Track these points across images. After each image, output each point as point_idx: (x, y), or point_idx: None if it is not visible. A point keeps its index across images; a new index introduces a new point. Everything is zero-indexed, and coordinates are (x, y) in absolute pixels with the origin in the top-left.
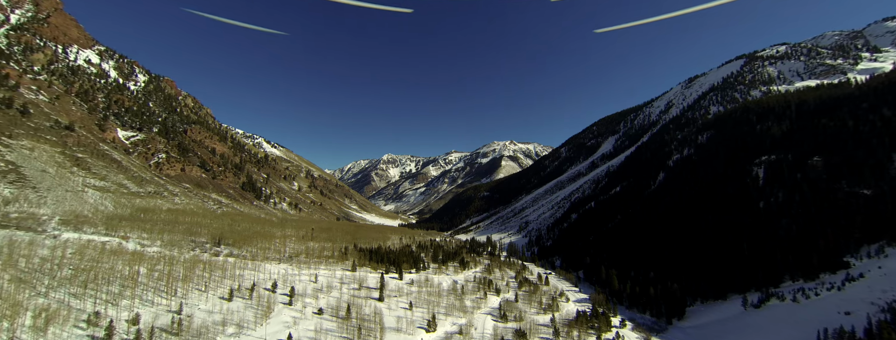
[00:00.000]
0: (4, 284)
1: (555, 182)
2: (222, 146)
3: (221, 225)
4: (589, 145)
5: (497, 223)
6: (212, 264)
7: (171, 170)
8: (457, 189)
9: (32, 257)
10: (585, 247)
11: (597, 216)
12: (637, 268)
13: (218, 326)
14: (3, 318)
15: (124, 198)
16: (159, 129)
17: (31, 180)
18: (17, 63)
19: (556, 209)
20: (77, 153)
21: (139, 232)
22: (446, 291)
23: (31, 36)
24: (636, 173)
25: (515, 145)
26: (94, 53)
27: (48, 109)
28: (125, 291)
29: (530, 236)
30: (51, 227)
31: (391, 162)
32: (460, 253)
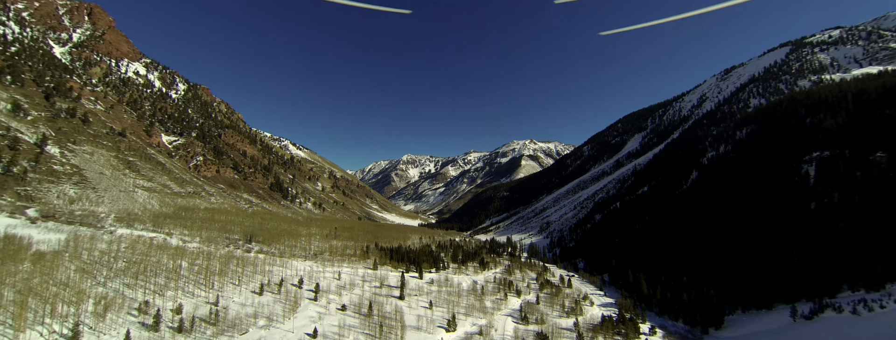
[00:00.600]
0: (71, 274)
1: (577, 182)
2: (252, 149)
3: (252, 223)
4: (613, 143)
5: (517, 224)
6: (244, 260)
7: (207, 172)
8: (476, 189)
9: (93, 250)
10: (611, 249)
11: (623, 217)
12: (668, 272)
13: (250, 318)
14: (70, 304)
15: (168, 197)
16: (197, 134)
17: (92, 182)
18: (78, 77)
19: (578, 210)
20: (128, 157)
21: (181, 229)
22: (466, 291)
23: (89, 52)
24: (666, 171)
25: (535, 144)
26: (142, 65)
27: (104, 117)
28: (170, 283)
29: (552, 237)
30: (108, 223)
31: (411, 163)
32: (480, 254)
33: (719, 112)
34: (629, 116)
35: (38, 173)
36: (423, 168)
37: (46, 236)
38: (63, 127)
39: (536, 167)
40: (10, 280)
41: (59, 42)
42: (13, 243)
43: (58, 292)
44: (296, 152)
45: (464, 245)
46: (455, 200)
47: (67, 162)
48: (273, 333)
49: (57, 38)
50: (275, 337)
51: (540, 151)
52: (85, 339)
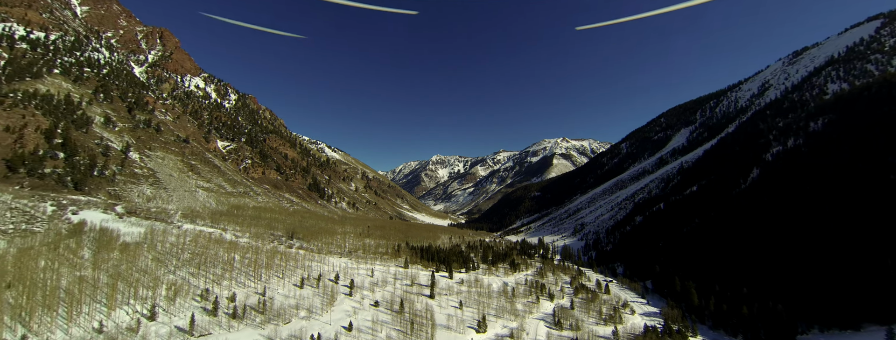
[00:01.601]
0: (148, 262)
1: (614, 181)
2: (293, 152)
3: (293, 221)
4: (655, 140)
5: (549, 225)
6: (287, 255)
7: (254, 173)
8: (506, 189)
9: (165, 242)
10: (654, 254)
11: (667, 219)
12: (723, 281)
13: (292, 309)
14: (148, 288)
15: (222, 197)
16: (246, 139)
17: (163, 183)
18: (152, 92)
19: (616, 211)
20: (191, 161)
21: (234, 225)
22: (496, 292)
23: (160, 70)
24: (719, 169)
25: (568, 143)
26: (201, 79)
27: (172, 126)
28: (225, 273)
29: (587, 239)
30: (176, 219)
31: (440, 163)
32: (510, 255)
33: (787, 101)
34: (674, 109)
35: (123, 176)
36: (453, 168)
37: (130, 229)
38: (141, 136)
39: (569, 166)
40: (104, 266)
41: (138, 63)
42: (106, 234)
43: (139, 277)
44: (331, 154)
45: (494, 246)
46: (484, 200)
47: (145, 166)
48: (313, 324)
49: (136, 60)
50: (314, 328)
51: (573, 149)
52: (160, 319)
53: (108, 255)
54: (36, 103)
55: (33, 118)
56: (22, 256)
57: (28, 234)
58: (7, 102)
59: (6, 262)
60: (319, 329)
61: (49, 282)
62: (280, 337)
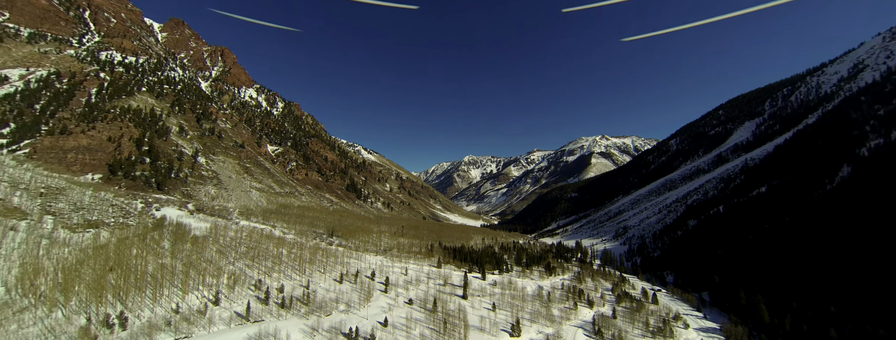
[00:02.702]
0: (213, 253)
1: (663, 181)
2: (332, 154)
3: (333, 220)
4: (712, 135)
5: (588, 227)
6: (327, 251)
7: (299, 175)
8: (540, 190)
9: (226, 236)
10: (712, 262)
11: (728, 224)
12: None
13: (333, 302)
14: (213, 276)
15: (272, 196)
16: (291, 143)
17: (224, 184)
18: (215, 103)
19: (665, 214)
20: (246, 164)
21: (281, 223)
22: (531, 296)
23: (221, 84)
24: (796, 166)
25: (608, 140)
26: (254, 90)
27: (231, 133)
28: (275, 266)
29: (630, 244)
30: (234, 216)
31: (472, 163)
32: (546, 257)
33: (889, 84)
34: (735, 100)
35: (193, 178)
36: (485, 169)
37: (199, 224)
38: (207, 142)
39: (609, 165)
40: (179, 255)
41: (204, 78)
42: (181, 228)
43: (206, 267)
44: (367, 156)
45: (528, 248)
46: (518, 201)
47: (209, 169)
48: (351, 318)
49: (203, 75)
50: (352, 322)
51: (614, 147)
52: (222, 304)
53: (182, 246)
54: (129, 117)
55: (128, 130)
56: (120, 244)
57: (124, 226)
58: (109, 116)
59: (109, 249)
60: (357, 323)
61: (139, 267)
62: (322, 329)
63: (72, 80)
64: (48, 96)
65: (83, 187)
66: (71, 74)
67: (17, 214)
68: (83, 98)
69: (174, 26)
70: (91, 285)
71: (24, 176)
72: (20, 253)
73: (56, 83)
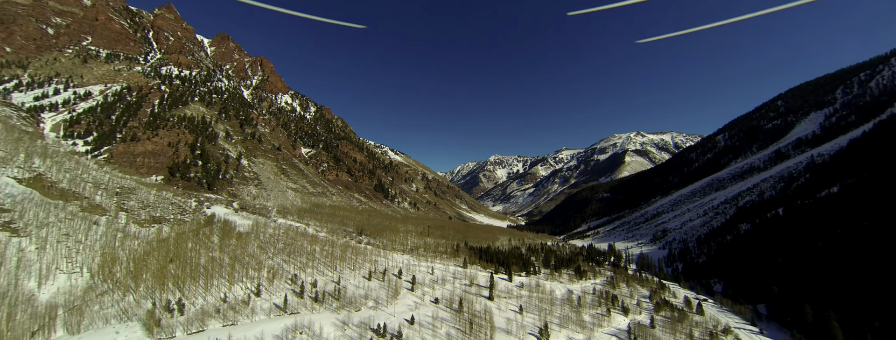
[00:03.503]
0: (254, 249)
1: (708, 180)
2: (360, 156)
3: (362, 219)
4: (769, 128)
5: (622, 230)
6: (357, 249)
7: (330, 175)
8: (570, 190)
9: (265, 233)
10: (769, 271)
11: (790, 229)
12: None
13: (362, 299)
14: (255, 269)
15: (305, 196)
16: (323, 145)
17: (264, 184)
18: (255, 110)
19: (711, 216)
20: (283, 165)
21: (314, 221)
22: (560, 300)
23: (261, 91)
24: (878, 163)
25: (643, 137)
26: (289, 96)
27: (269, 137)
28: (309, 262)
29: (671, 248)
30: (272, 215)
31: (498, 163)
32: (576, 260)
33: None
34: (798, 89)
35: (238, 178)
36: (511, 168)
37: (242, 221)
38: (249, 146)
39: (645, 164)
40: (226, 249)
41: (246, 87)
42: (227, 225)
43: (248, 261)
44: (394, 157)
45: (556, 250)
46: (546, 201)
47: (251, 170)
48: (379, 314)
49: (245, 84)
50: (380, 318)
51: (650, 144)
52: (263, 296)
53: (229, 241)
54: (184, 124)
55: (183, 136)
56: (178, 238)
57: (181, 222)
58: (168, 124)
59: (169, 242)
60: (385, 320)
61: (193, 260)
62: (352, 323)
63: (139, 93)
64: (121, 108)
65: (149, 188)
66: (138, 87)
67: (99, 210)
68: (148, 109)
69: (220, 41)
70: (155, 274)
71: (103, 178)
72: (101, 244)
73: (127, 96)
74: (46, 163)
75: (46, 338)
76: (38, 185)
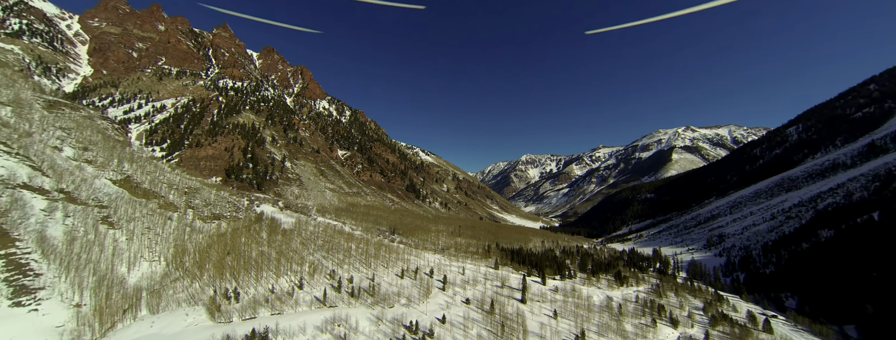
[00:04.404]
0: (297, 245)
1: (777, 179)
2: (393, 157)
3: (394, 219)
4: (857, 118)
5: (669, 234)
6: (390, 248)
7: (364, 176)
8: (608, 190)
9: (306, 230)
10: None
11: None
12: None
13: (395, 296)
14: (298, 264)
15: (342, 196)
16: (357, 147)
17: (305, 184)
18: (296, 115)
19: (782, 220)
20: (321, 167)
21: (350, 220)
22: (598, 307)
23: (301, 98)
24: None
25: (694, 132)
26: (326, 102)
27: (309, 140)
28: (345, 259)
29: (729, 255)
30: (312, 213)
31: (530, 162)
32: (616, 265)
33: None
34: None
35: (282, 179)
36: (544, 168)
37: (287, 219)
38: (291, 149)
39: (696, 161)
40: (273, 245)
41: (289, 94)
42: (274, 222)
43: (292, 255)
44: (425, 158)
45: (594, 254)
46: (582, 202)
47: (293, 172)
48: (411, 312)
49: (288, 92)
50: (413, 316)
51: (702, 139)
52: (305, 289)
53: (275, 237)
54: (238, 131)
55: (237, 141)
56: (233, 233)
57: (235, 219)
58: (224, 131)
59: (227, 237)
60: (417, 318)
61: (246, 253)
62: (385, 319)
63: (201, 104)
64: (188, 118)
65: (210, 188)
66: (201, 99)
67: (172, 208)
68: (209, 118)
69: (267, 53)
70: (216, 264)
71: (175, 179)
72: (174, 237)
73: (192, 108)
74: (133, 167)
75: (134, 316)
76: (127, 185)
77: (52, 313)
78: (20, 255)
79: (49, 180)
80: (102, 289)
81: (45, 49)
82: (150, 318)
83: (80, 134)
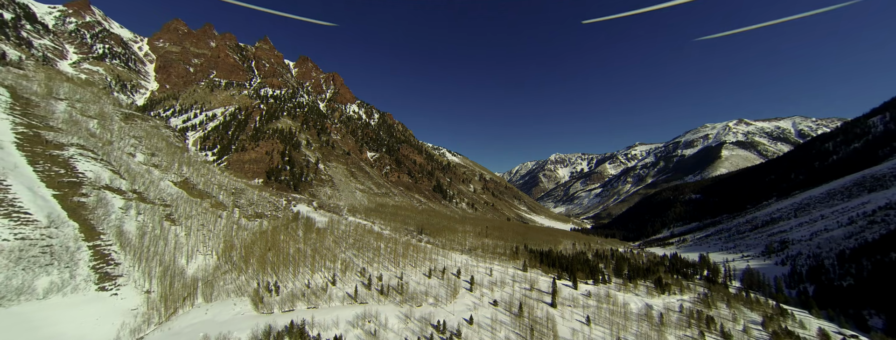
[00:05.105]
0: (330, 242)
1: (856, 177)
2: (420, 158)
3: (421, 219)
4: None
5: (718, 238)
6: (417, 247)
7: (392, 177)
8: (645, 190)
9: (338, 229)
10: None
11: None
12: None
13: (423, 295)
14: (331, 261)
15: (371, 196)
16: (386, 149)
17: (337, 185)
18: (328, 119)
19: (862, 225)
20: (351, 168)
21: (379, 220)
22: (636, 315)
23: (333, 102)
24: None
25: (749, 125)
26: (356, 105)
27: (340, 143)
28: (375, 257)
29: (794, 264)
30: (344, 213)
31: (559, 162)
32: (656, 271)
33: None
34: None
35: (316, 181)
36: (574, 167)
37: (320, 218)
38: (324, 152)
39: (752, 158)
40: (309, 242)
41: (321, 100)
42: (309, 221)
43: (325, 253)
44: (451, 158)
45: (630, 258)
46: (616, 203)
47: (326, 173)
48: (439, 311)
49: (321, 98)
50: (440, 315)
51: (759, 133)
52: (337, 285)
53: (310, 235)
54: (277, 135)
55: (276, 145)
56: (273, 231)
57: (275, 218)
58: (265, 136)
59: (268, 234)
60: (444, 317)
61: (285, 250)
62: (414, 317)
63: (246, 112)
64: (234, 125)
65: (253, 189)
66: (246, 108)
67: (221, 207)
68: (252, 124)
69: (302, 62)
70: (259, 259)
71: (224, 181)
72: (223, 234)
73: (238, 115)
74: (190, 170)
75: (192, 302)
76: (185, 187)
77: (129, 297)
78: (104, 247)
79: (125, 181)
80: (167, 278)
81: (122, 69)
82: (204, 306)
83: (148, 142)
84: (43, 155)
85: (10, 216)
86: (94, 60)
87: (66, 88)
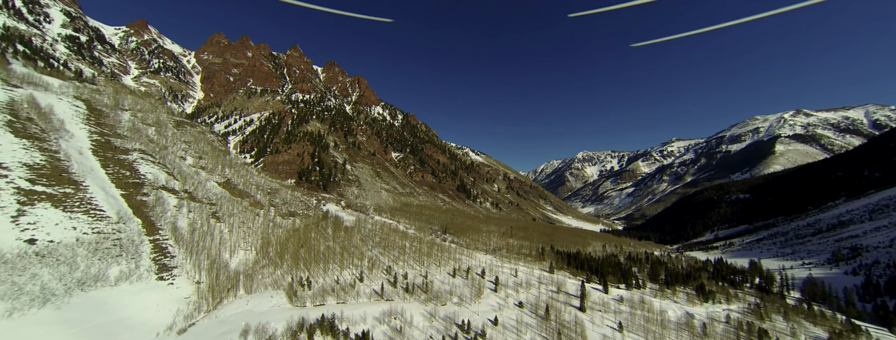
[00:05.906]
0: (357, 241)
1: None
2: (443, 157)
3: (446, 218)
4: None
5: (773, 243)
6: (441, 247)
7: (416, 177)
8: (684, 189)
9: (365, 228)
10: None
11: None
12: None
13: (447, 294)
14: (358, 258)
15: (396, 196)
16: (410, 149)
17: (363, 185)
18: (354, 121)
19: None
20: (377, 169)
21: (404, 219)
22: (674, 324)
23: (359, 105)
24: None
25: (808, 117)
26: (380, 107)
27: (366, 144)
28: (400, 256)
29: (869, 273)
30: (370, 212)
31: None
32: (697, 277)
33: None
34: None
35: (343, 181)
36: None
37: (348, 217)
38: (351, 153)
39: (813, 153)
40: (338, 240)
41: (348, 103)
42: (338, 220)
43: (353, 251)
44: (475, 158)
45: (667, 262)
46: (650, 203)
47: (353, 174)
48: (463, 311)
49: (347, 101)
50: (464, 315)
51: (822, 125)
52: (365, 282)
53: (339, 233)
54: (307, 138)
55: (307, 147)
56: (305, 229)
57: (306, 216)
58: (296, 139)
59: (300, 232)
60: (469, 317)
61: (315, 247)
62: (438, 316)
63: (279, 117)
64: (269, 129)
65: (286, 189)
66: (279, 112)
67: (259, 206)
68: (285, 128)
69: (329, 67)
70: (292, 255)
71: (260, 181)
72: (261, 231)
73: (272, 120)
74: (231, 171)
75: (235, 294)
76: (228, 187)
77: (182, 287)
78: (162, 241)
79: (178, 182)
80: (214, 271)
81: (174, 81)
82: (245, 297)
83: (196, 146)
84: (112, 159)
85: (88, 212)
86: (151, 73)
87: (130, 100)
